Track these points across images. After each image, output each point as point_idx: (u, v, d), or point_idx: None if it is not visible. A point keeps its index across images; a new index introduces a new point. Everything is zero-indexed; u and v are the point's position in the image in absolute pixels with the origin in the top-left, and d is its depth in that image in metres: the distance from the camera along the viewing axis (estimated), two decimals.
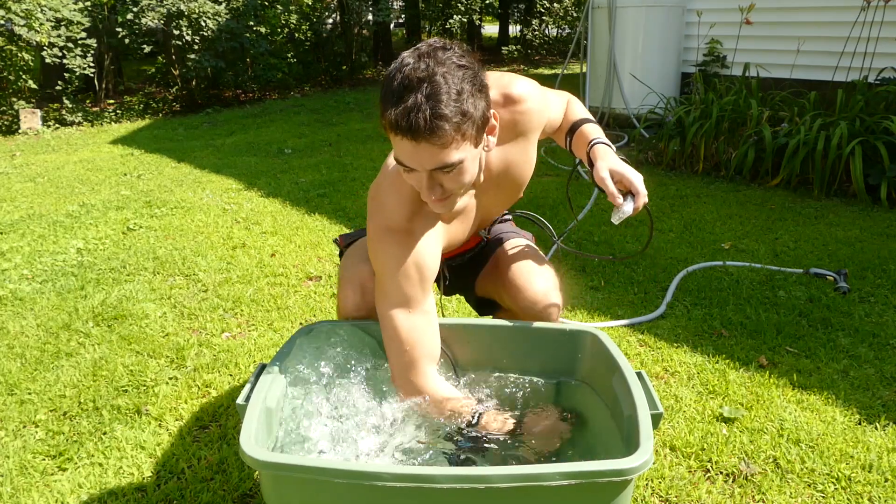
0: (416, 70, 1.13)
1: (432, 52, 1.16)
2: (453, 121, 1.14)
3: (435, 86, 1.12)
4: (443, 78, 1.13)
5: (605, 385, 1.49)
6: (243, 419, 1.23)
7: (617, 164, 1.45)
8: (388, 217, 1.37)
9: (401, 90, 1.13)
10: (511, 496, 1.09)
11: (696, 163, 4.48)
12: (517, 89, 1.40)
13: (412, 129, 1.12)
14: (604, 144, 1.50)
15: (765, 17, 5.04)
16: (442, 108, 1.12)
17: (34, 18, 6.66)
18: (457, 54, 1.17)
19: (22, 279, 3.03)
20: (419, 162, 1.18)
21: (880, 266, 2.86)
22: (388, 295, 1.37)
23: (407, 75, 1.13)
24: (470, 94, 1.16)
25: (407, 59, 1.16)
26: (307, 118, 7.26)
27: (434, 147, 1.15)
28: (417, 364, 1.37)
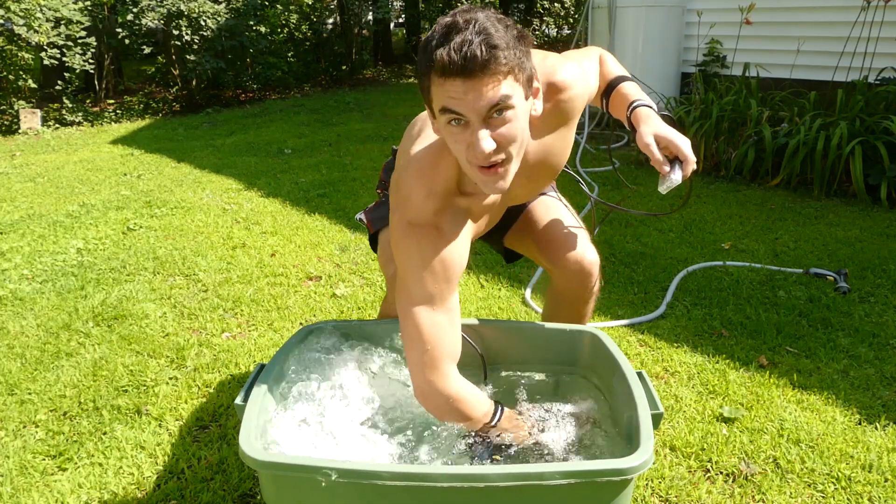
0: (459, 15, 1.10)
1: (469, 8, 1.13)
2: (507, 51, 1.09)
3: (481, 24, 1.09)
4: (487, 19, 1.10)
5: (605, 385, 1.49)
6: (242, 419, 1.23)
7: (662, 128, 1.38)
8: (414, 211, 1.29)
9: (447, 33, 1.09)
10: (510, 495, 1.09)
11: (696, 163, 4.47)
12: (562, 76, 1.33)
13: (467, 60, 1.07)
14: (645, 106, 1.42)
15: (765, 17, 5.04)
16: (495, 39, 1.08)
17: (34, 18, 6.66)
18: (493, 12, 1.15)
19: (22, 279, 3.03)
20: (472, 104, 1.11)
21: (880, 266, 2.86)
22: (411, 291, 1.31)
23: (451, 22, 1.10)
24: (516, 39, 1.12)
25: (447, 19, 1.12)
26: (307, 118, 7.26)
27: (490, 80, 1.09)
28: (438, 363, 1.31)
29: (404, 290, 1.32)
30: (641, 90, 1.50)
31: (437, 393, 1.32)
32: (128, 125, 7.36)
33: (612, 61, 1.55)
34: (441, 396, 1.32)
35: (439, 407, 1.34)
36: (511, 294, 2.74)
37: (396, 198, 1.33)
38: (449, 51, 1.07)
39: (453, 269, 1.31)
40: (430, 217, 1.29)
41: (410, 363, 1.34)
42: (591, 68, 1.50)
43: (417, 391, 1.35)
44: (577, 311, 1.70)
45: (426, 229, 1.29)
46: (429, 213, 1.29)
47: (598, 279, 1.66)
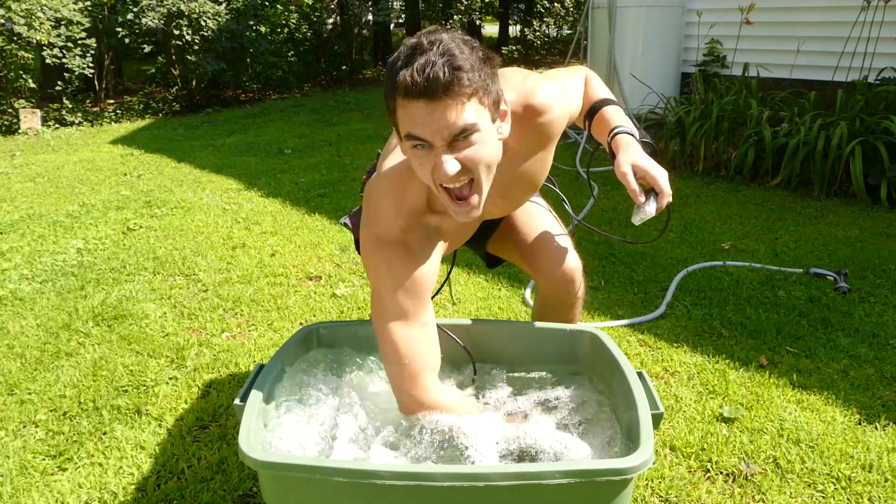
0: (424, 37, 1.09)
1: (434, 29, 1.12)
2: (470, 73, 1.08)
3: (445, 45, 1.08)
4: (452, 41, 1.09)
5: (605, 384, 1.49)
6: (241, 419, 1.23)
7: (640, 157, 1.36)
8: (383, 227, 1.30)
9: (411, 54, 1.08)
10: (510, 495, 1.09)
11: (696, 163, 4.48)
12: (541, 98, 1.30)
13: (430, 82, 1.06)
14: (626, 134, 1.41)
15: (765, 17, 5.04)
16: (458, 61, 1.07)
17: (34, 18, 6.66)
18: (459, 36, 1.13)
19: (22, 279, 3.03)
20: (436, 128, 1.10)
21: (880, 266, 2.86)
22: (384, 308, 1.32)
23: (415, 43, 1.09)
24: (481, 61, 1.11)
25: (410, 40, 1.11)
26: (307, 118, 7.26)
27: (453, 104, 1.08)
28: (417, 377, 1.32)
29: (378, 307, 1.33)
30: (625, 115, 1.48)
31: (420, 406, 1.33)
32: (128, 125, 7.36)
33: (597, 83, 1.54)
34: (424, 409, 1.34)
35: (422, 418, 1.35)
36: (511, 294, 2.74)
37: (367, 212, 1.34)
38: (412, 72, 1.06)
39: (423, 285, 1.32)
40: (399, 234, 1.30)
41: (391, 379, 1.36)
42: (575, 88, 1.49)
43: (401, 406, 1.36)
44: (564, 316, 1.71)
45: (395, 247, 1.29)
46: (397, 231, 1.29)
47: (582, 284, 1.66)
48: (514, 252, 1.66)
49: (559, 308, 1.66)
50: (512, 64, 9.18)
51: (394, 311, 1.31)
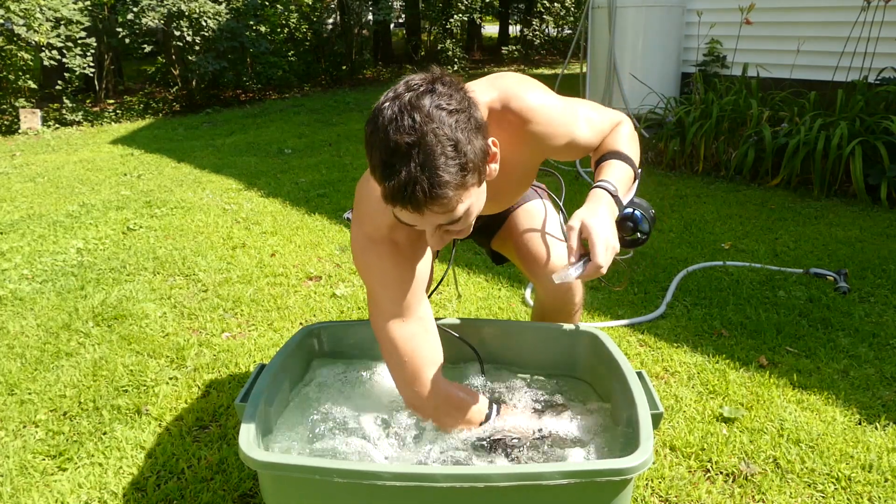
0: (402, 131, 1.02)
1: (415, 100, 1.03)
2: (454, 183, 1.04)
3: (427, 151, 1.01)
4: (433, 136, 1.02)
5: (605, 384, 1.49)
6: (242, 419, 1.23)
7: (595, 217, 1.24)
8: (370, 227, 1.30)
9: (390, 159, 1.03)
10: (511, 495, 1.09)
11: (696, 163, 4.48)
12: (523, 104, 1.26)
13: (413, 203, 1.04)
14: (604, 190, 1.30)
15: (765, 17, 5.04)
16: (440, 175, 1.02)
17: (33, 18, 6.66)
18: (444, 95, 1.05)
19: (22, 279, 3.03)
20: (425, 224, 1.11)
21: (880, 266, 2.86)
22: (380, 307, 1.32)
23: (393, 139, 1.02)
24: (467, 141, 1.05)
25: (388, 112, 1.04)
26: (307, 118, 7.26)
27: (440, 208, 1.06)
28: (420, 373, 1.32)
29: (373, 306, 1.34)
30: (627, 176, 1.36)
31: (425, 402, 1.34)
32: (128, 125, 7.36)
33: (624, 136, 1.42)
34: (430, 404, 1.34)
35: (430, 414, 1.36)
36: (511, 294, 2.74)
37: (357, 208, 1.34)
38: (393, 190, 1.04)
39: (414, 282, 1.32)
40: (386, 232, 1.30)
41: (394, 377, 1.36)
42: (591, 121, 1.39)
43: (406, 403, 1.37)
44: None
45: (383, 245, 1.30)
46: (385, 229, 1.29)
47: (581, 294, 1.64)
48: (514, 255, 1.66)
49: (557, 316, 1.66)
50: (511, 64, 9.16)
51: (389, 309, 1.31)
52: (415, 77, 1.08)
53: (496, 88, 1.27)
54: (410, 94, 1.05)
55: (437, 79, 1.08)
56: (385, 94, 1.08)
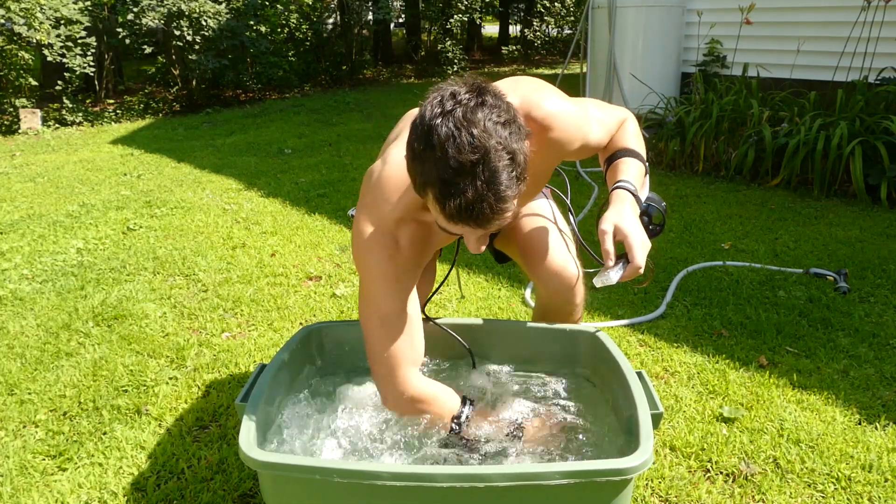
0: (463, 149, 1.02)
1: (470, 115, 1.03)
2: (514, 196, 1.07)
3: (491, 168, 1.02)
4: (494, 152, 1.03)
5: (605, 384, 1.49)
6: (242, 419, 1.23)
7: (626, 219, 1.30)
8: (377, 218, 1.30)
9: (453, 178, 1.03)
10: (511, 495, 1.09)
11: (696, 163, 4.48)
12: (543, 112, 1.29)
13: (480, 220, 1.05)
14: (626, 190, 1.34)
15: (765, 17, 5.04)
16: (504, 191, 1.04)
17: (34, 18, 6.66)
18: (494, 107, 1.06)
19: (22, 279, 3.03)
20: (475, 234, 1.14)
21: (880, 266, 2.86)
22: (371, 299, 1.34)
23: (456, 158, 1.02)
24: (520, 151, 1.07)
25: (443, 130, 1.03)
26: (307, 118, 7.26)
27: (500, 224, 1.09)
28: (397, 370, 1.34)
29: (364, 297, 1.35)
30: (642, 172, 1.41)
31: (399, 397, 1.36)
32: (128, 125, 7.36)
33: (631, 131, 1.47)
34: (404, 400, 1.36)
35: (405, 411, 1.38)
36: (511, 294, 2.74)
37: (364, 198, 1.34)
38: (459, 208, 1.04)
39: (406, 281, 1.34)
40: (391, 226, 1.30)
41: (373, 371, 1.38)
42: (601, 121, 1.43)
43: (382, 398, 1.38)
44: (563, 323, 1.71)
45: (386, 239, 1.30)
46: (391, 223, 1.30)
47: (582, 293, 1.64)
48: (517, 254, 1.66)
49: (557, 315, 1.66)
50: (512, 64, 9.17)
51: (379, 304, 1.33)
52: (457, 88, 1.07)
53: (517, 95, 1.27)
54: (462, 109, 1.04)
55: (482, 89, 1.08)
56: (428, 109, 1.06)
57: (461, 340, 1.55)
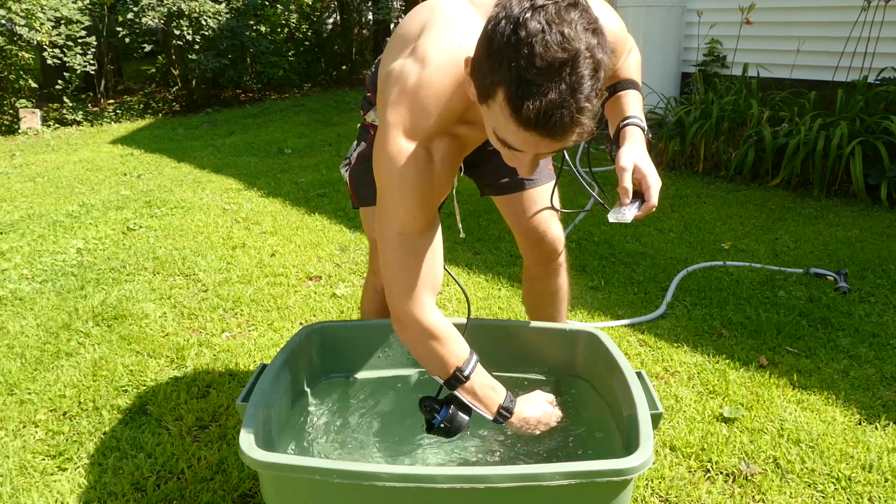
0: (552, 47, 0.93)
1: (564, 13, 0.95)
2: (593, 111, 0.99)
3: (578, 73, 0.95)
4: (583, 57, 0.95)
5: (604, 384, 1.49)
6: (243, 419, 1.23)
7: (643, 158, 1.31)
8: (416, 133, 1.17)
9: (536, 77, 0.94)
10: (511, 496, 1.09)
11: (696, 163, 4.48)
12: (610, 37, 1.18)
13: (557, 128, 0.97)
14: (637, 127, 1.36)
15: (765, 17, 5.04)
16: (586, 102, 0.96)
17: (34, 18, 6.66)
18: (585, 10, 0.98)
19: (22, 279, 3.03)
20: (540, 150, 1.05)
21: (880, 266, 2.86)
22: (390, 215, 1.23)
23: (543, 55, 0.93)
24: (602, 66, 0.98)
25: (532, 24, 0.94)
26: (307, 118, 7.26)
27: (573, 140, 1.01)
28: (416, 293, 1.25)
29: (384, 210, 1.24)
30: (641, 105, 1.43)
31: (412, 322, 1.26)
32: (128, 125, 7.36)
33: (635, 60, 1.45)
34: (417, 327, 1.26)
35: (413, 339, 1.28)
36: (511, 294, 2.74)
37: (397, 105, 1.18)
38: (537, 111, 0.95)
39: (435, 198, 1.25)
40: (424, 141, 1.18)
41: (388, 289, 1.28)
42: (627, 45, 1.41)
43: (393, 318, 1.29)
44: (548, 288, 1.74)
45: (416, 152, 1.18)
46: (424, 138, 1.17)
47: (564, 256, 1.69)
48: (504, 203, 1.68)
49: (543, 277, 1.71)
50: None
51: (401, 219, 1.22)
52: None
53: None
54: (555, 6, 0.95)
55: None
56: (515, 2, 0.97)
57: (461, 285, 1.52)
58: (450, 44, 1.18)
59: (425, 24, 1.23)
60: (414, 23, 1.27)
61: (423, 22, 1.24)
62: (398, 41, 1.27)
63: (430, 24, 1.22)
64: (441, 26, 1.21)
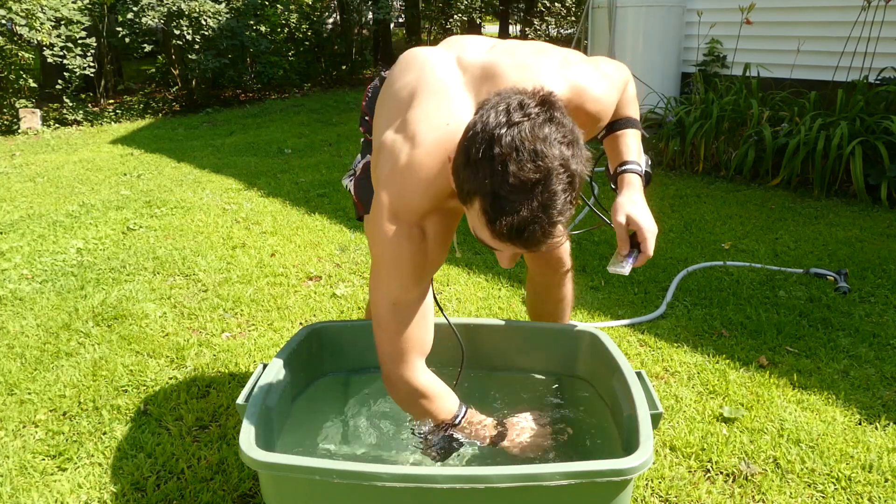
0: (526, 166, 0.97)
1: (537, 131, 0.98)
2: (567, 220, 1.03)
3: (551, 190, 0.98)
4: (556, 174, 0.98)
5: (605, 385, 1.49)
6: (243, 419, 1.23)
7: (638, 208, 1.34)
8: (403, 208, 1.22)
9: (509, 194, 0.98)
10: (511, 496, 1.09)
11: (696, 163, 4.48)
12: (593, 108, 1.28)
13: (529, 242, 1.02)
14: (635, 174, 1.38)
15: (765, 17, 5.04)
16: (559, 216, 1.00)
17: (34, 18, 6.66)
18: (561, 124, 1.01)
19: (22, 279, 3.03)
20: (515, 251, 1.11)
21: (880, 266, 2.86)
22: (385, 282, 1.28)
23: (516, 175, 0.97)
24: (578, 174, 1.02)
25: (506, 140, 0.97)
26: (307, 118, 7.26)
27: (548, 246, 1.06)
28: (407, 356, 1.31)
29: (378, 279, 1.29)
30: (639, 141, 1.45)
31: (403, 383, 1.32)
32: (128, 125, 7.36)
33: (631, 93, 1.47)
34: (406, 388, 1.32)
35: (403, 398, 1.35)
36: (511, 294, 2.74)
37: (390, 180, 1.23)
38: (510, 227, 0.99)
39: (429, 270, 1.29)
40: (417, 219, 1.24)
41: (380, 351, 1.33)
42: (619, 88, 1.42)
43: (385, 379, 1.35)
44: (552, 296, 1.74)
45: (410, 231, 1.23)
46: (417, 216, 1.23)
47: (570, 266, 1.69)
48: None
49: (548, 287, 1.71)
50: None
51: (394, 288, 1.27)
52: (525, 98, 1.02)
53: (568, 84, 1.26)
54: (530, 124, 0.99)
55: (552, 103, 1.03)
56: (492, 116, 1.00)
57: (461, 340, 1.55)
58: (438, 122, 1.21)
59: (415, 90, 1.27)
60: (405, 83, 1.31)
61: (412, 86, 1.28)
62: (390, 101, 1.32)
63: (419, 92, 1.26)
64: (429, 98, 1.25)
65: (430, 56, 1.33)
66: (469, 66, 1.28)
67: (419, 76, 1.29)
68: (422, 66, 1.31)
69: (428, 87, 1.27)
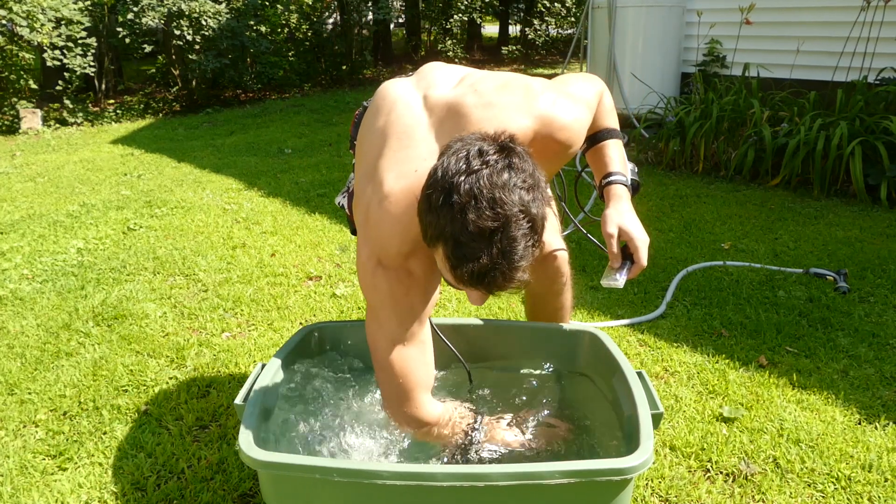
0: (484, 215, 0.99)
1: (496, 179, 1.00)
2: (528, 265, 1.05)
3: (510, 237, 1.00)
4: (515, 221, 1.00)
5: (605, 384, 1.49)
6: (242, 419, 1.23)
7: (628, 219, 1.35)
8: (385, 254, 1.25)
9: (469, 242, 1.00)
10: (511, 494, 1.09)
11: (696, 163, 4.48)
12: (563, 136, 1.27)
13: (491, 286, 1.05)
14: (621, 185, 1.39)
15: (765, 17, 5.04)
16: (519, 261, 1.02)
17: (35, 19, 6.66)
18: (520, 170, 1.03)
19: (22, 279, 3.03)
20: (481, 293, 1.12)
21: (880, 266, 2.86)
22: (382, 326, 1.30)
23: (475, 223, 0.99)
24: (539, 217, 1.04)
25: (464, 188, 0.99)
26: (307, 118, 7.26)
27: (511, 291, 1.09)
28: (411, 395, 1.32)
29: (375, 323, 1.31)
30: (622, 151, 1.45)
31: (412, 422, 1.34)
32: (128, 125, 7.36)
33: (608, 105, 1.48)
34: (416, 424, 1.35)
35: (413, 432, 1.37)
36: (511, 294, 2.73)
37: (368, 233, 1.27)
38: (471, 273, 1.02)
39: (423, 308, 1.31)
40: (402, 262, 1.26)
41: (384, 394, 1.36)
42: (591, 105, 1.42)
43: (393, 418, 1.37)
44: (552, 304, 1.74)
45: (397, 274, 1.26)
46: (401, 259, 1.26)
47: (568, 275, 1.69)
48: None
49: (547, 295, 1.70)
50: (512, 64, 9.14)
51: (392, 330, 1.29)
52: (485, 146, 1.03)
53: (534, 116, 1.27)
54: (489, 171, 1.00)
55: (511, 149, 1.04)
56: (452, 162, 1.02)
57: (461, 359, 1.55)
58: (406, 170, 1.23)
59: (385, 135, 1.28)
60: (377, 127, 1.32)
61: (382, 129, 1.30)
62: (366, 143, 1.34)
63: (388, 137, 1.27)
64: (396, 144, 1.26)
65: (399, 97, 1.34)
66: (434, 107, 1.29)
67: (387, 120, 1.31)
68: (391, 108, 1.33)
69: (395, 131, 1.28)
